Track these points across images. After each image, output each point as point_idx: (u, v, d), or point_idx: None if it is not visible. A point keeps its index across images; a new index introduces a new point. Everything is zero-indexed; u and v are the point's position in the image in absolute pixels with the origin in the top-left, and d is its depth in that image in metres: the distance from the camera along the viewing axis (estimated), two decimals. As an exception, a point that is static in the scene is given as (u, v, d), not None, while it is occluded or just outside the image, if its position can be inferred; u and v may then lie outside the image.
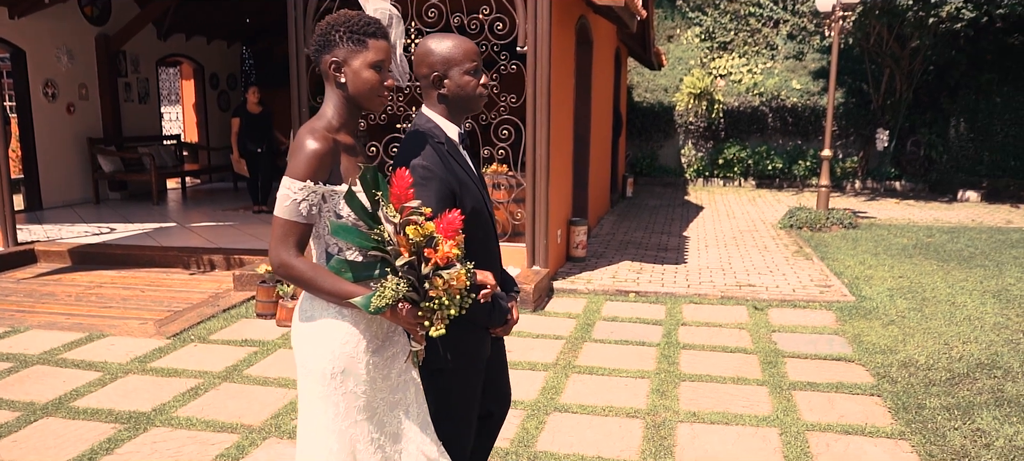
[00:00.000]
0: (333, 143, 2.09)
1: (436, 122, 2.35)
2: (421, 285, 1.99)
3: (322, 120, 2.14)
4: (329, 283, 2.03)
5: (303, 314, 2.18)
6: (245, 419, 4.15)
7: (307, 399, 2.18)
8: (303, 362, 2.17)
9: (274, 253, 2.06)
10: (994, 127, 14.86)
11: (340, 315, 2.12)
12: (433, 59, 2.30)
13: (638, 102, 17.27)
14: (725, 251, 9.00)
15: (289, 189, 2.03)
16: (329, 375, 2.12)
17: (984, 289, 7.05)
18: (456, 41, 2.32)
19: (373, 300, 1.96)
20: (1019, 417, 4.18)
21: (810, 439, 3.96)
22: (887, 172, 15.74)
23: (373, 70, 2.12)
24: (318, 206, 2.07)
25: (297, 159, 2.03)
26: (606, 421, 4.17)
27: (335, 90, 2.15)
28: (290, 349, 5.31)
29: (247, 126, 10.49)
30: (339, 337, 2.12)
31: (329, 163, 2.06)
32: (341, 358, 2.12)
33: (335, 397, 2.14)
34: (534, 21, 6.55)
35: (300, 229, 2.05)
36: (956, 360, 5.11)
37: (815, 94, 16.29)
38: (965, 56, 15.37)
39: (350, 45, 2.10)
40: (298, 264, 2.04)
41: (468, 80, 2.31)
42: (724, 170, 16.69)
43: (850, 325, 5.97)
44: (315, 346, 2.13)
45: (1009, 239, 9.81)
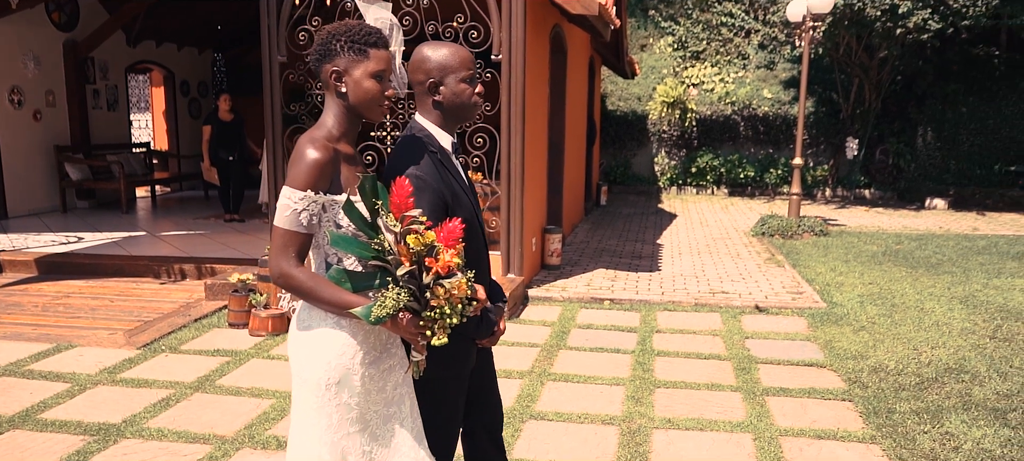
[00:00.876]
0: (334, 153, 2.07)
1: (430, 130, 2.34)
2: (422, 295, 1.98)
3: (322, 129, 2.13)
4: (329, 293, 2.01)
5: (301, 323, 2.16)
6: (218, 430, 4.09)
7: (301, 408, 2.16)
8: (299, 371, 2.15)
9: (274, 263, 2.04)
10: (960, 136, 15.14)
11: (338, 325, 2.11)
12: (429, 66, 2.28)
13: (612, 111, 17.36)
14: (698, 259, 9.07)
15: (289, 199, 2.02)
16: (324, 385, 2.11)
17: (951, 295, 7.17)
18: (452, 49, 2.30)
19: (374, 310, 1.95)
20: (986, 420, 4.25)
21: (783, 444, 3.99)
22: (857, 180, 15.96)
23: (374, 80, 2.11)
24: (318, 216, 2.06)
25: (297, 168, 2.01)
26: (582, 428, 4.18)
27: (335, 99, 2.14)
28: (263, 359, 5.26)
29: (218, 134, 10.38)
30: (336, 348, 2.10)
31: (330, 173, 2.05)
32: (337, 369, 2.10)
33: (329, 408, 2.12)
34: (509, 29, 6.56)
35: (300, 239, 2.04)
36: (925, 365, 5.19)
37: (786, 103, 16.48)
38: (932, 67, 15.65)
39: (351, 55, 2.10)
40: (298, 274, 2.03)
41: (464, 88, 2.30)
42: (697, 178, 16.82)
43: (822, 331, 6.03)
44: (311, 355, 2.12)
45: (975, 246, 9.98)
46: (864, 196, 15.93)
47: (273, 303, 5.98)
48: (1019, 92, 14.99)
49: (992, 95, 15.08)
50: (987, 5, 12.52)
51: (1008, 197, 14.35)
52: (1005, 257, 9.15)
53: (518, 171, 6.80)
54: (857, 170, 15.98)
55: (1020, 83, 15.06)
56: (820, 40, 13.79)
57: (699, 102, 16.99)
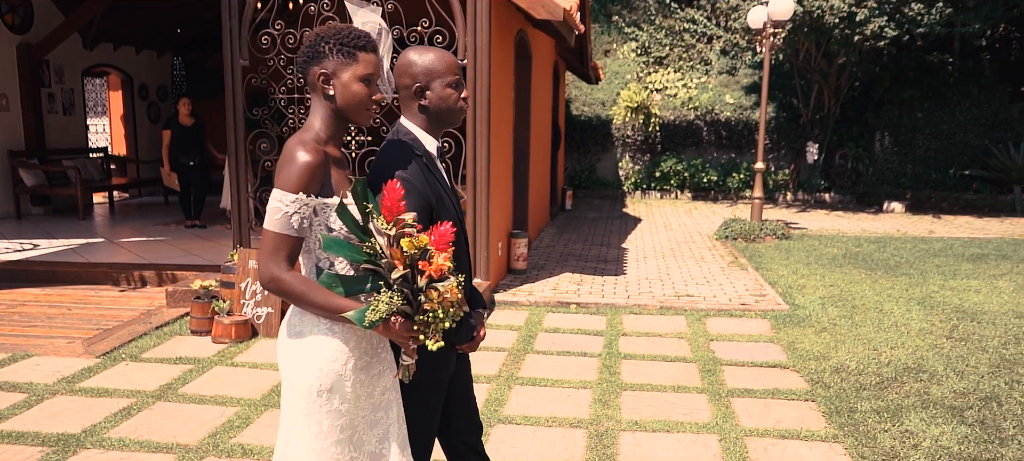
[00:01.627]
0: (324, 155, 2.06)
1: (415, 134, 2.34)
2: (415, 298, 1.97)
3: (310, 132, 2.11)
4: (321, 298, 1.99)
5: (291, 330, 2.14)
6: (181, 438, 4.02)
7: (291, 415, 2.13)
8: (289, 377, 2.13)
9: (264, 267, 2.01)
10: (916, 141, 15.47)
11: (330, 331, 2.09)
12: (415, 70, 2.29)
13: (576, 115, 17.44)
14: (663, 262, 9.14)
15: (280, 202, 1.99)
16: (315, 391, 2.08)
17: (909, 297, 7.31)
18: (438, 54, 2.31)
19: (367, 314, 1.93)
20: (944, 418, 4.34)
21: (748, 444, 4.04)
22: (817, 184, 16.22)
23: (362, 83, 2.10)
24: (309, 220, 2.04)
25: (288, 171, 1.99)
26: (550, 431, 4.18)
27: (323, 102, 2.12)
28: (227, 366, 5.18)
29: (179, 138, 10.22)
30: (328, 354, 2.08)
31: (321, 175, 2.03)
32: (329, 375, 2.09)
33: (319, 415, 2.10)
34: (474, 34, 6.56)
35: (291, 243, 2.02)
36: (885, 365, 5.28)
37: (748, 108, 16.71)
38: (888, 73, 15.99)
39: (340, 57, 2.08)
40: (289, 279, 2.00)
41: (449, 93, 2.32)
42: (661, 183, 16.96)
43: (784, 333, 6.11)
44: (303, 362, 2.09)
45: (932, 248, 10.20)
46: (824, 200, 16.20)
47: (236, 310, 5.90)
48: (972, 98, 15.37)
49: (946, 101, 15.45)
50: (941, 13, 12.82)
51: (962, 200, 14.69)
52: (960, 259, 9.37)
53: (484, 176, 6.79)
54: (817, 174, 16.25)
55: (973, 89, 15.44)
56: (780, 46, 14.01)
57: (662, 107, 17.15)
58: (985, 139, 15.15)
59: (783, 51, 14.45)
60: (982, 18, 13.29)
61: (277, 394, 4.67)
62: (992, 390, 4.79)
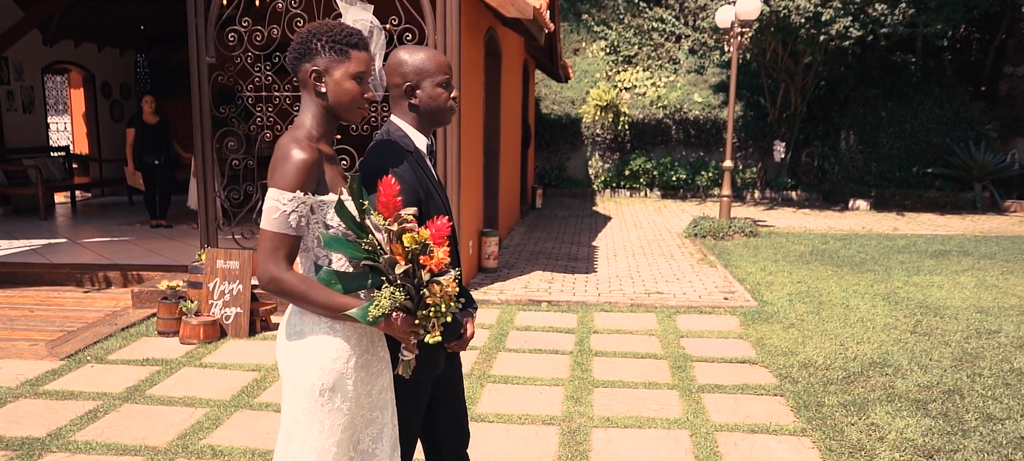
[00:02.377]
0: (318, 153, 2.04)
1: (405, 131, 2.36)
2: (418, 292, 1.97)
3: (302, 130, 2.09)
4: (323, 297, 1.98)
5: (291, 330, 2.12)
6: (150, 441, 3.96)
7: (292, 416, 2.12)
8: (290, 378, 2.11)
9: (263, 268, 1.99)
10: (880, 139, 15.71)
11: (332, 330, 2.07)
12: (405, 70, 2.31)
13: (546, 114, 17.48)
14: (633, 260, 9.19)
15: (277, 201, 1.97)
16: (317, 391, 2.07)
17: (875, 292, 7.43)
18: (428, 53, 2.33)
19: (371, 310, 1.93)
20: (909, 411, 4.42)
21: (719, 439, 4.07)
22: (784, 182, 16.41)
23: (354, 81, 2.09)
24: (307, 218, 2.02)
25: (284, 170, 1.97)
26: (522, 429, 4.18)
27: (314, 100, 2.11)
28: (196, 367, 5.12)
29: (143, 137, 10.07)
30: (330, 353, 2.07)
31: (317, 173, 2.02)
32: (331, 374, 2.07)
33: (321, 414, 2.08)
34: (443, 32, 6.54)
35: (290, 242, 2.00)
36: (851, 360, 5.36)
37: (716, 107, 16.85)
38: (853, 72, 16.22)
39: (332, 55, 2.07)
40: (289, 278, 1.99)
41: (440, 92, 2.33)
42: (630, 181, 17.05)
43: (753, 329, 6.18)
44: (304, 361, 2.08)
45: (896, 245, 10.37)
46: (791, 198, 16.40)
47: (204, 310, 5.83)
48: (934, 97, 15.65)
49: (909, 100, 15.71)
50: (904, 14, 13.04)
51: (925, 198, 14.96)
52: (923, 255, 9.54)
53: (454, 174, 6.78)
54: (784, 172, 16.44)
55: (935, 89, 15.72)
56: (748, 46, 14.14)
57: (631, 106, 17.24)
58: (947, 138, 15.44)
59: (750, 50, 14.60)
60: (943, 19, 13.54)
61: (247, 394, 4.62)
62: (954, 383, 4.88)
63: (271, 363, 5.22)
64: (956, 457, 3.84)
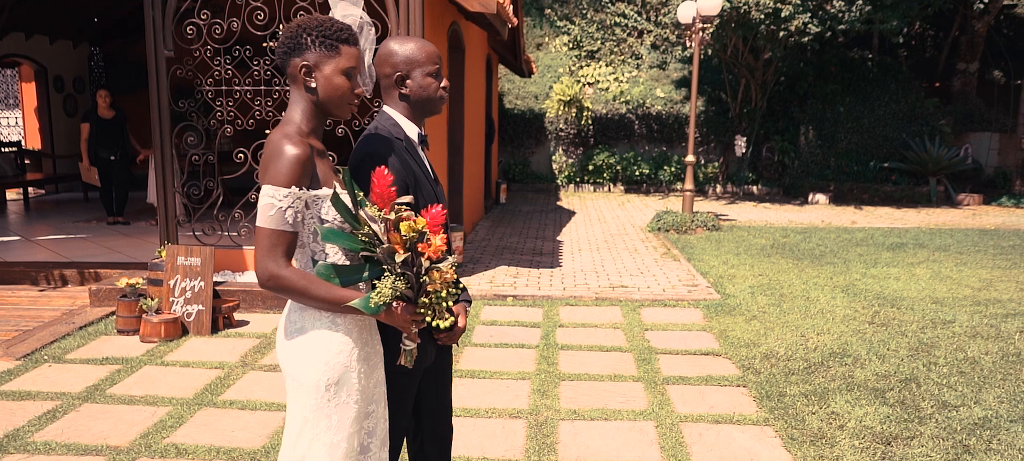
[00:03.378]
0: (310, 148, 2.03)
1: (396, 120, 2.38)
2: (418, 280, 1.99)
3: (292, 125, 2.08)
4: (323, 291, 1.98)
5: (291, 327, 2.10)
6: (111, 440, 3.89)
7: (300, 415, 2.10)
8: (294, 375, 2.09)
9: (261, 265, 1.98)
10: (839, 134, 15.99)
11: (333, 325, 2.07)
12: (396, 60, 2.33)
13: (509, 109, 17.48)
14: (598, 254, 9.24)
15: (273, 197, 1.96)
16: (323, 386, 2.06)
17: (834, 284, 7.56)
18: (418, 43, 2.36)
19: (373, 298, 1.94)
20: (868, 400, 4.51)
21: (684, 430, 4.12)
22: (745, 177, 16.62)
23: (344, 77, 2.09)
24: (301, 213, 2.01)
25: (278, 166, 1.97)
26: (490, 422, 4.19)
27: (304, 95, 2.10)
28: (157, 366, 5.03)
29: (98, 132, 9.85)
30: (333, 348, 2.07)
31: (310, 168, 2.01)
32: (335, 368, 2.07)
33: (329, 409, 2.08)
34: (407, 26, 6.50)
35: (287, 238, 1.99)
36: (812, 350, 5.46)
37: (678, 102, 17.00)
38: (812, 68, 16.47)
39: (322, 50, 2.06)
40: (289, 274, 1.98)
41: (430, 82, 2.36)
42: (594, 176, 17.14)
43: (716, 321, 6.25)
44: (307, 358, 2.07)
45: (854, 238, 10.57)
46: (752, 192, 16.62)
47: (165, 308, 5.73)
48: (890, 93, 15.96)
49: (866, 96, 16.01)
50: (861, 11, 13.28)
51: (882, 192, 15.26)
52: (880, 248, 9.73)
53: (419, 169, 6.74)
54: (746, 167, 16.65)
55: (891, 84, 16.04)
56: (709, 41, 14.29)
57: (595, 101, 17.32)
58: (903, 133, 15.76)
59: (712, 46, 14.75)
60: (899, 16, 13.81)
61: (211, 392, 4.56)
62: (911, 372, 4.99)
63: (234, 360, 5.16)
64: (913, 443, 3.93)
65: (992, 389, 4.70)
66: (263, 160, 2.03)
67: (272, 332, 5.81)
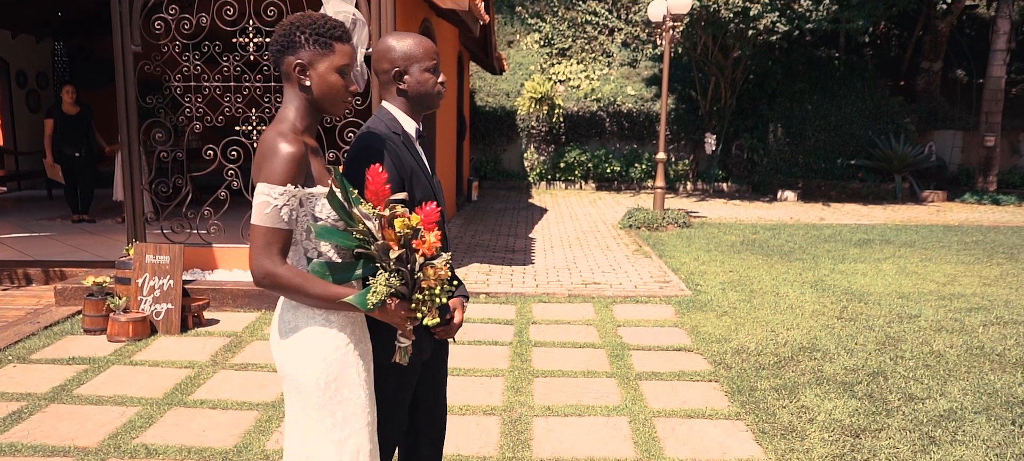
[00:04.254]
0: (304, 145, 2.02)
1: (394, 115, 2.40)
2: (412, 277, 1.99)
3: (285, 123, 2.07)
4: (319, 289, 1.98)
5: (285, 326, 2.09)
6: (79, 441, 3.82)
7: (300, 415, 2.09)
8: (292, 376, 2.08)
9: (256, 264, 1.97)
10: (806, 132, 16.20)
11: (327, 322, 2.06)
12: (394, 55, 2.34)
13: (481, 106, 17.47)
14: (570, 251, 9.27)
15: (268, 195, 1.95)
16: (323, 384, 2.05)
17: (803, 280, 7.66)
18: (416, 39, 2.37)
19: (368, 296, 1.94)
20: (837, 393, 4.57)
21: (657, 425, 4.15)
22: (715, 174, 16.77)
23: (339, 74, 2.08)
24: (297, 211, 2.00)
25: (273, 164, 1.96)
26: (464, 420, 4.18)
27: (298, 93, 2.09)
28: (125, 365, 4.96)
29: (62, 128, 9.67)
30: (330, 344, 2.06)
31: (305, 166, 2.01)
32: (334, 365, 2.06)
33: (332, 406, 2.07)
34: (378, 22, 6.47)
35: (282, 235, 1.98)
36: (782, 345, 5.52)
37: (649, 100, 17.11)
38: (780, 67, 16.67)
39: (316, 48, 2.05)
40: (284, 272, 1.97)
41: (427, 77, 2.38)
42: (566, 173, 17.18)
43: (688, 317, 6.30)
44: (304, 357, 2.06)
45: (822, 234, 10.71)
46: (722, 189, 16.77)
47: (133, 306, 5.65)
48: (856, 91, 16.20)
49: (833, 94, 16.23)
50: (828, 10, 13.46)
51: (849, 189, 15.49)
52: (848, 244, 9.88)
53: (391, 166, 6.71)
54: (715, 164, 16.80)
55: (857, 83, 16.28)
56: (679, 40, 14.40)
57: (566, 98, 17.36)
58: (869, 131, 16.01)
59: (682, 44, 14.86)
60: (865, 16, 14.02)
61: (181, 392, 4.50)
62: (879, 366, 5.07)
63: (205, 359, 5.10)
64: (881, 436, 4.00)
65: (957, 382, 4.79)
66: (257, 158, 2.02)
67: (243, 331, 5.76)
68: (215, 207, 6.57)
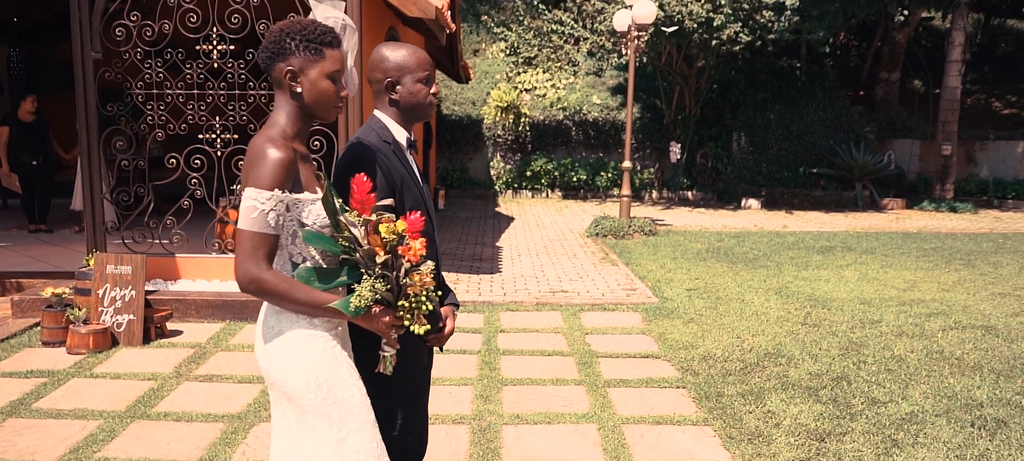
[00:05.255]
0: (293, 151, 2.02)
1: (386, 124, 2.41)
2: (398, 283, 2.00)
3: (276, 128, 2.07)
4: (304, 294, 1.97)
5: (270, 332, 2.07)
6: (38, 456, 3.73)
7: (297, 420, 2.07)
8: (281, 382, 2.06)
9: (243, 269, 1.95)
10: (769, 141, 16.42)
11: (311, 324, 2.06)
12: (387, 66, 2.37)
13: (447, 115, 17.44)
14: (537, 260, 9.28)
15: (256, 200, 1.94)
16: (314, 386, 2.04)
17: (768, 287, 7.76)
18: (409, 50, 2.39)
19: (353, 300, 1.94)
20: (802, 398, 4.63)
21: (626, 431, 4.16)
22: (680, 182, 16.92)
23: (330, 80, 2.08)
24: (283, 216, 2.00)
25: (261, 169, 1.95)
26: (433, 429, 4.16)
27: (289, 99, 2.09)
28: (86, 378, 4.86)
29: (18, 136, 9.46)
30: (316, 345, 2.06)
31: (294, 171, 2.01)
32: (322, 366, 2.05)
33: (326, 407, 2.05)
34: (346, 30, 6.43)
35: (269, 241, 1.97)
36: (747, 351, 5.58)
37: (614, 109, 17.22)
38: (743, 76, 16.89)
39: (306, 54, 2.05)
40: (270, 278, 1.96)
41: (420, 88, 2.40)
42: (532, 182, 17.21)
43: (655, 324, 6.34)
44: (292, 361, 2.04)
45: (785, 242, 10.86)
46: (687, 197, 16.92)
47: (94, 318, 5.54)
48: (818, 101, 16.47)
49: (795, 103, 16.48)
50: (789, 21, 13.68)
51: (812, 197, 15.72)
52: (811, 251, 10.02)
53: (358, 174, 6.67)
54: (680, 173, 16.95)
55: (818, 92, 16.55)
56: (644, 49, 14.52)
57: (532, 107, 17.41)
58: (830, 139, 16.27)
59: (647, 54, 14.98)
60: (825, 26, 14.28)
61: (144, 404, 4.42)
62: (842, 371, 5.15)
63: (168, 371, 5.01)
64: (845, 439, 4.05)
65: (918, 385, 4.88)
66: (246, 163, 2.02)
67: (207, 342, 5.67)
68: (178, 216, 6.48)
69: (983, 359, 5.43)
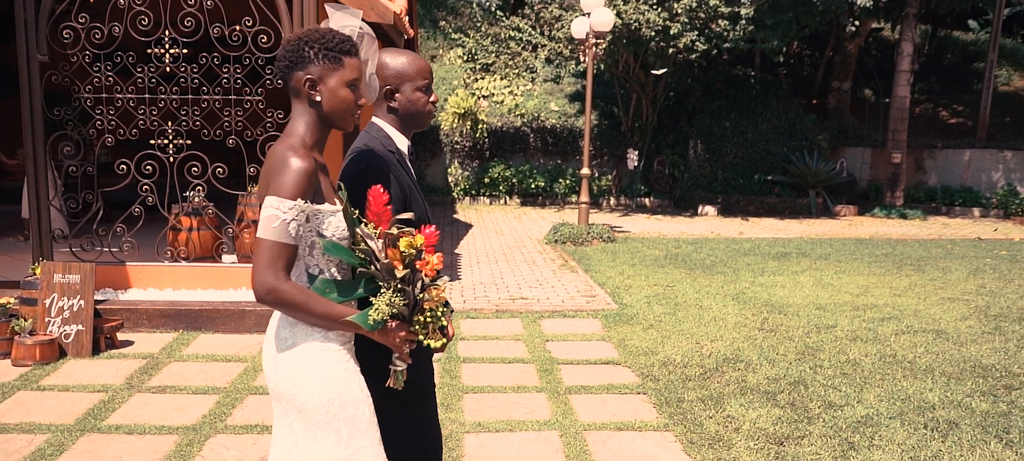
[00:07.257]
0: (315, 161, 1.98)
1: (387, 132, 2.39)
2: (415, 298, 1.98)
3: (295, 137, 2.03)
4: (322, 307, 1.94)
5: (283, 344, 2.02)
6: (-23, 474, 3.59)
7: (305, 435, 2.02)
8: (292, 397, 2.01)
9: (261, 278, 1.90)
10: (725, 148, 16.63)
11: (325, 338, 2.01)
12: (387, 73, 2.34)
13: (406, 122, 17.33)
14: (496, 267, 9.26)
15: (277, 209, 1.90)
16: (326, 401, 1.99)
17: (725, 293, 7.83)
18: (410, 58, 2.37)
19: (371, 314, 1.93)
20: (760, 402, 4.67)
21: (587, 438, 4.16)
22: (638, 189, 17.05)
23: (349, 89, 2.05)
24: (303, 226, 1.96)
25: (284, 177, 1.91)
26: (392, 439, 4.10)
27: (307, 108, 2.06)
28: (33, 391, 4.69)
29: (-37, 142, 9.16)
30: (330, 360, 2.01)
31: (315, 181, 1.97)
32: (335, 381, 2.01)
33: (336, 423, 2.01)
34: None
35: (289, 251, 1.93)
36: (707, 357, 5.62)
37: (572, 116, 17.30)
38: (699, 84, 17.10)
39: (326, 63, 2.02)
40: (289, 289, 1.91)
41: (419, 96, 2.38)
42: (490, 188, 17.19)
43: (615, 331, 6.36)
44: (305, 376, 2.00)
45: (742, 248, 10.99)
46: (645, 204, 17.05)
47: (40, 328, 5.36)
48: (772, 109, 16.74)
49: (750, 111, 16.73)
50: (744, 30, 13.89)
51: (767, 204, 15.96)
52: (767, 257, 10.16)
53: (315, 180, 6.57)
54: (638, 180, 17.08)
55: (772, 101, 16.83)
56: (602, 57, 14.62)
57: (490, 114, 17.40)
58: (784, 147, 16.55)
59: (604, 61, 15.08)
60: (779, 36, 14.53)
61: (94, 417, 4.28)
62: (799, 375, 5.21)
63: (119, 383, 4.87)
64: (803, 442, 4.10)
65: (872, 389, 4.96)
66: (265, 171, 1.98)
67: (159, 352, 5.53)
68: (128, 223, 6.31)
69: (934, 362, 5.55)
